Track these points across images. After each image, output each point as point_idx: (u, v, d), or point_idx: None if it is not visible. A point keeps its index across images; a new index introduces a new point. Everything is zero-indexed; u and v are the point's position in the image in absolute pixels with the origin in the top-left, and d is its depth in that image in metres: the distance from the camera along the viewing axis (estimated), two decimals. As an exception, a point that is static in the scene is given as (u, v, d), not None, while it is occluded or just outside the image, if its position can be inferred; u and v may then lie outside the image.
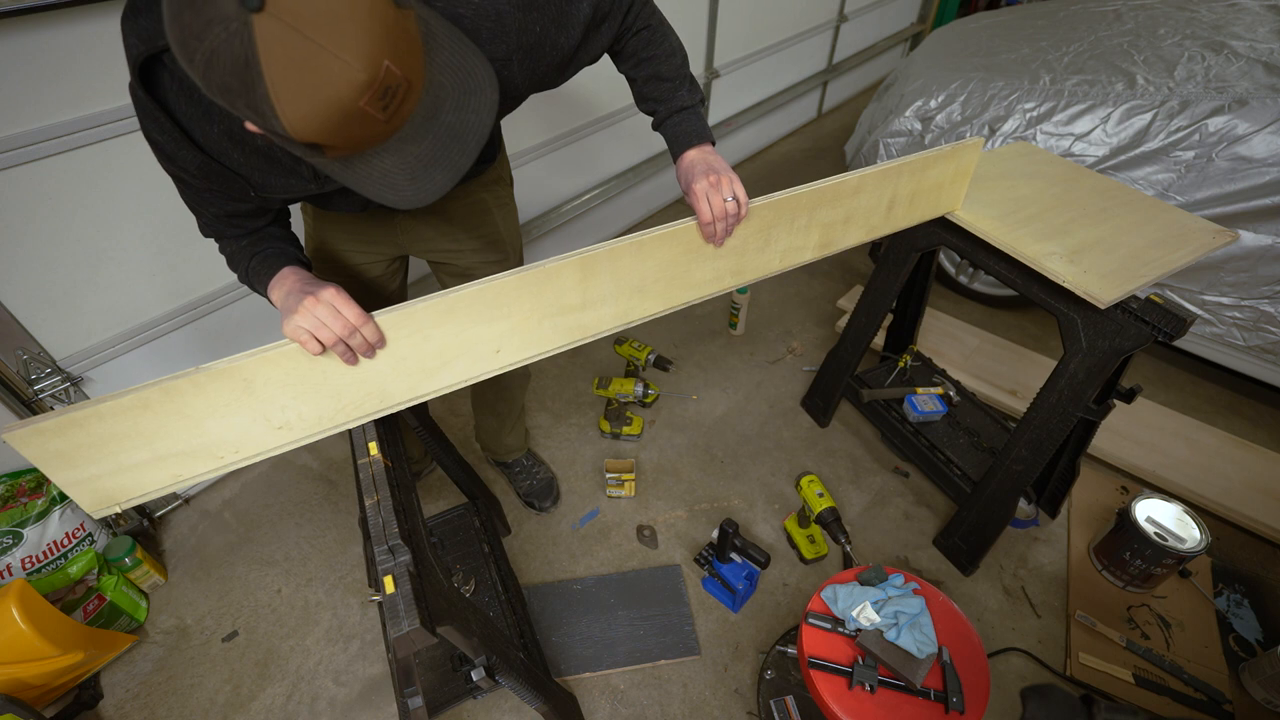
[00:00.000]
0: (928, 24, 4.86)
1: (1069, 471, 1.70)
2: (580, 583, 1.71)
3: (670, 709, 1.48)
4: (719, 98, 3.18)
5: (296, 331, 0.81)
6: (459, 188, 1.23)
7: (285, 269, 0.92)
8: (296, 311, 0.82)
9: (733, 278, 1.12)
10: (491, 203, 1.30)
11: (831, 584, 1.29)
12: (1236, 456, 1.93)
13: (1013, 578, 1.72)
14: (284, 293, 0.88)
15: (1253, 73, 1.91)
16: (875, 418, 2.02)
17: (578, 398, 2.25)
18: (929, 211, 1.35)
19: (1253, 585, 1.70)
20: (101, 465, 0.78)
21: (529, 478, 1.92)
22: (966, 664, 1.15)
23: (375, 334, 0.85)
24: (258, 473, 2.02)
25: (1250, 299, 1.90)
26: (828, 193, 1.11)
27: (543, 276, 0.92)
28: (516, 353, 0.99)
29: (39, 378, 1.48)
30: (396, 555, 0.80)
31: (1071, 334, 1.34)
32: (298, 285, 0.87)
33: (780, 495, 1.94)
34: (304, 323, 0.81)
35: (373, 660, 1.58)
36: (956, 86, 2.29)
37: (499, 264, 1.36)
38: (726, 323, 2.56)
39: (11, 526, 1.48)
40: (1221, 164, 1.84)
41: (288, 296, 0.87)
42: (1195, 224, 1.35)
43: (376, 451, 0.93)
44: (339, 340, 0.82)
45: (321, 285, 0.86)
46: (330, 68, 0.55)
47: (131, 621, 1.62)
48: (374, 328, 0.84)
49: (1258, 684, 1.47)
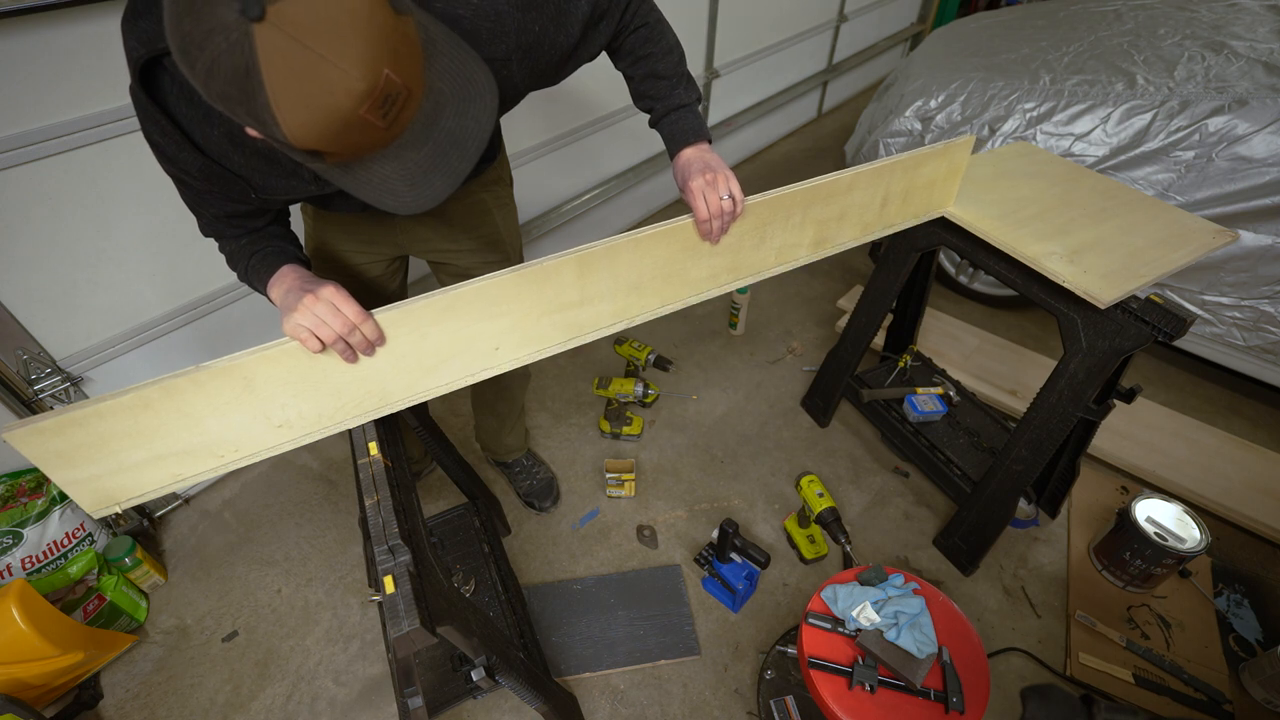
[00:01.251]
0: (928, 24, 4.86)
1: (1069, 471, 1.70)
2: (580, 583, 1.71)
3: (670, 709, 1.48)
4: (719, 98, 3.18)
5: (296, 329, 0.81)
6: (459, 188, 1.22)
7: (285, 267, 0.92)
8: (296, 309, 0.82)
9: (728, 275, 1.13)
10: (491, 203, 1.31)
11: (831, 584, 1.29)
12: (1236, 456, 1.93)
13: (1013, 578, 1.72)
14: (283, 290, 0.89)
15: (1253, 73, 1.91)
16: (875, 418, 2.02)
17: (578, 398, 2.25)
18: (922, 209, 1.36)
19: (1253, 585, 1.70)
20: (102, 465, 0.78)
21: (529, 478, 1.92)
22: (966, 664, 1.15)
23: (375, 331, 0.85)
24: (258, 473, 2.02)
25: (1250, 299, 1.90)
26: (822, 190, 1.12)
27: (541, 274, 0.92)
28: (515, 350, 0.99)
29: (39, 378, 1.48)
30: (396, 555, 0.80)
31: (1071, 334, 1.34)
32: (297, 283, 0.88)
33: (780, 495, 1.94)
34: (304, 320, 0.81)
35: (373, 660, 1.58)
36: (956, 86, 2.29)
37: (498, 264, 1.34)
38: (726, 323, 2.56)
39: (11, 526, 1.48)
40: (1221, 164, 1.84)
41: (287, 294, 0.87)
42: (1195, 224, 1.35)
43: (376, 451, 0.93)
44: (339, 338, 0.82)
45: (321, 283, 0.86)
46: (330, 77, 0.55)
47: (131, 621, 1.62)
48: (374, 325, 0.85)
49: (1258, 684, 1.47)
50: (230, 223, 0.95)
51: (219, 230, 0.96)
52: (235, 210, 0.93)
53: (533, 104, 2.27)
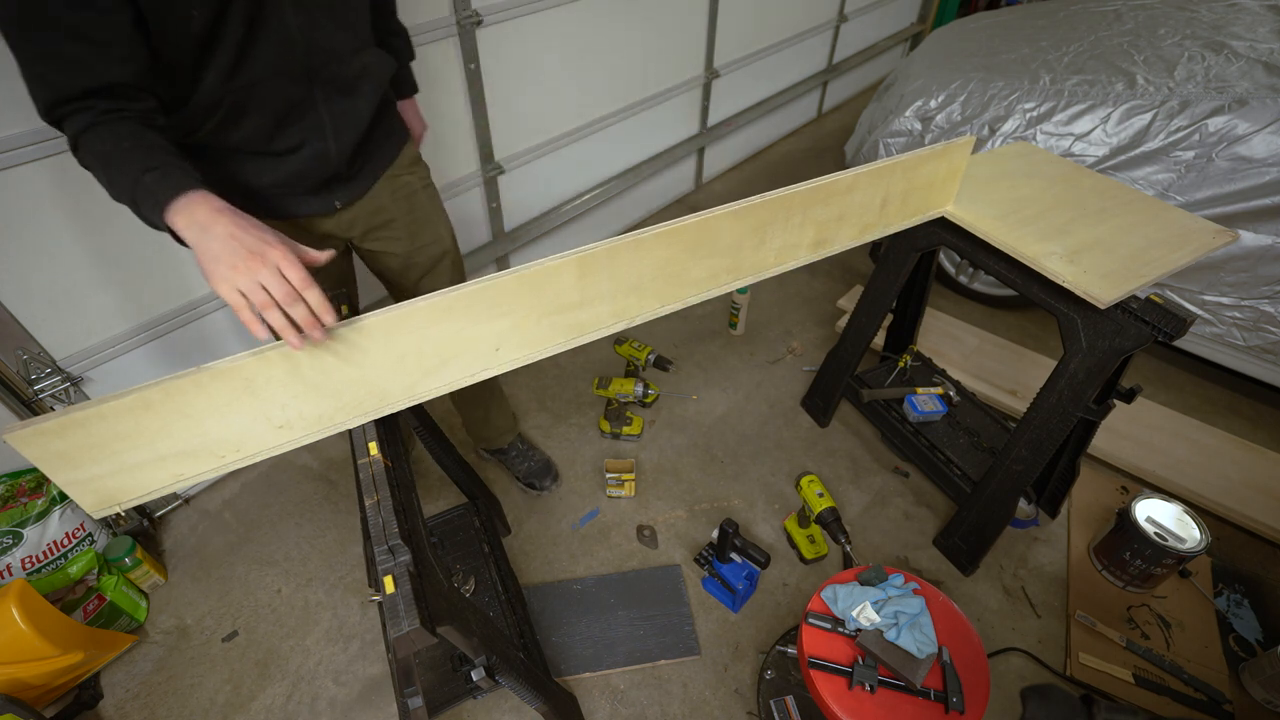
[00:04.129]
0: (928, 24, 4.86)
1: (1069, 471, 1.70)
2: (580, 583, 1.71)
3: (670, 709, 1.48)
4: (719, 98, 3.18)
5: (232, 294, 0.74)
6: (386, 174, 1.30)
7: (192, 193, 0.79)
8: (235, 267, 0.74)
9: (728, 275, 1.13)
10: (417, 184, 1.37)
11: (831, 584, 1.29)
12: (1236, 456, 1.93)
13: (1013, 578, 1.72)
14: (201, 228, 0.77)
15: (1253, 73, 1.91)
16: (875, 418, 2.02)
17: (578, 398, 2.26)
18: (921, 210, 1.36)
19: (1253, 585, 1.70)
20: (103, 465, 0.78)
21: (525, 460, 1.93)
22: (966, 664, 1.15)
23: (320, 300, 0.77)
24: (258, 473, 2.02)
25: (1250, 299, 1.90)
26: (821, 191, 1.12)
27: (542, 275, 0.92)
28: (516, 350, 0.99)
29: (39, 378, 1.49)
30: (396, 555, 0.80)
31: (1071, 334, 1.34)
32: (227, 225, 0.76)
33: (780, 495, 1.94)
34: (242, 283, 0.73)
35: (373, 660, 1.58)
36: (956, 86, 2.29)
37: (432, 245, 1.42)
38: (726, 323, 2.56)
39: (11, 526, 1.48)
40: (1221, 164, 1.84)
41: (211, 237, 0.76)
42: (1195, 224, 1.35)
43: (376, 451, 0.93)
44: (276, 306, 0.74)
45: (262, 231, 0.77)
46: None
47: (131, 621, 1.62)
48: (319, 294, 0.77)
49: (1258, 684, 1.47)
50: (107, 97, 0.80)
51: (89, 102, 0.80)
52: (120, 77, 0.81)
53: (533, 104, 2.28)
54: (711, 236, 1.05)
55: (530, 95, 2.26)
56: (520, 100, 2.23)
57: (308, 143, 1.09)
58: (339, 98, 1.09)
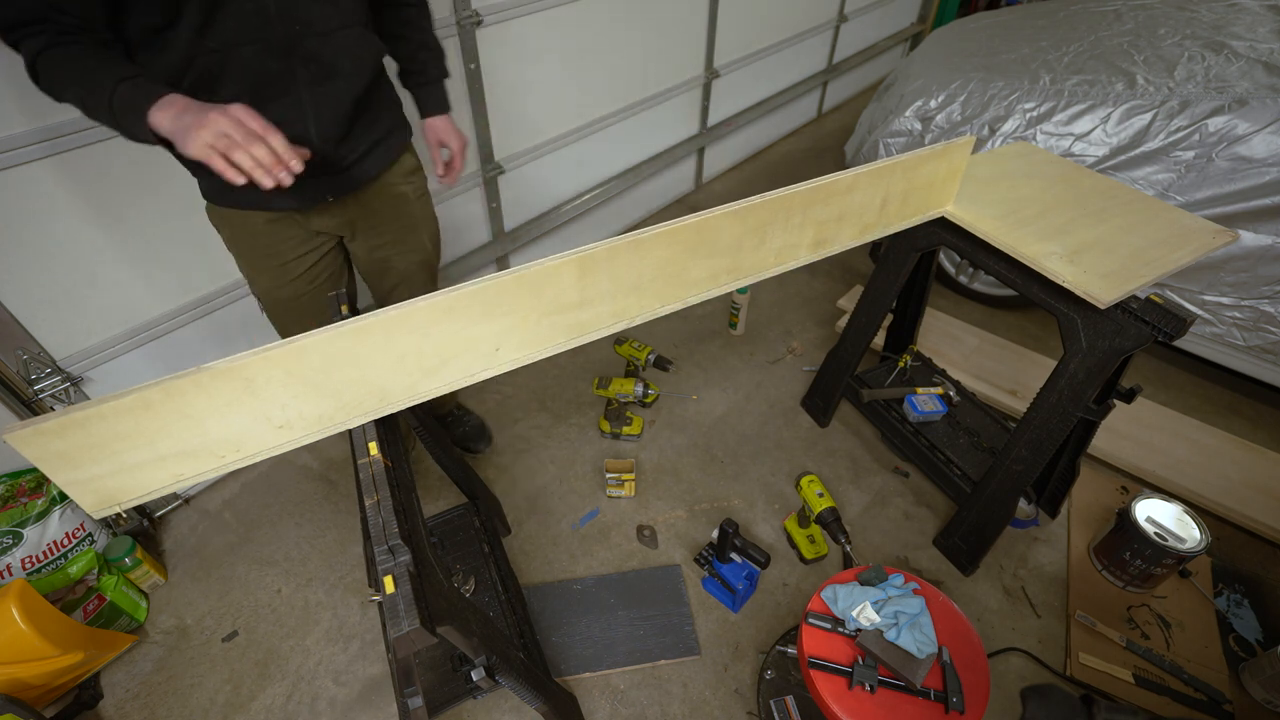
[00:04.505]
0: (928, 24, 4.86)
1: (1069, 471, 1.70)
2: (580, 583, 1.71)
3: (670, 709, 1.48)
4: (719, 98, 3.18)
5: (203, 149, 0.83)
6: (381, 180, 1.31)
7: (171, 94, 0.88)
8: (203, 126, 0.83)
9: (728, 275, 1.13)
10: (411, 194, 1.38)
11: (831, 584, 1.29)
12: (1236, 456, 1.93)
13: (1013, 578, 1.72)
14: (176, 112, 0.86)
15: (1253, 73, 1.91)
16: (875, 418, 2.02)
17: (578, 398, 2.26)
18: (921, 210, 1.36)
19: (1253, 585, 1.70)
20: (103, 465, 0.78)
21: (460, 425, 2.06)
22: (966, 664, 1.15)
23: (282, 144, 0.88)
24: (258, 473, 2.02)
25: (1250, 299, 1.90)
26: (821, 191, 1.12)
27: (542, 275, 0.92)
28: (516, 350, 0.99)
29: (39, 378, 1.49)
30: (396, 555, 0.80)
31: (1071, 334, 1.34)
32: (193, 104, 0.86)
33: (780, 495, 1.94)
34: (208, 136, 0.82)
35: (373, 660, 1.58)
36: (956, 86, 2.29)
37: (415, 251, 1.45)
38: (726, 323, 2.56)
39: (11, 526, 1.48)
40: (1221, 164, 1.84)
41: (182, 114, 0.85)
42: (1195, 224, 1.35)
43: (376, 451, 0.93)
44: (242, 148, 0.84)
45: (229, 105, 0.87)
46: None
47: (131, 621, 1.62)
48: (280, 138, 0.87)
49: (1258, 684, 1.48)
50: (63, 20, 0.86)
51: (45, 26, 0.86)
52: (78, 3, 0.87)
53: (532, 104, 2.28)
54: (711, 236, 1.05)
55: (530, 95, 2.26)
56: (520, 100, 2.23)
57: (286, 123, 1.08)
58: (320, 79, 1.09)
